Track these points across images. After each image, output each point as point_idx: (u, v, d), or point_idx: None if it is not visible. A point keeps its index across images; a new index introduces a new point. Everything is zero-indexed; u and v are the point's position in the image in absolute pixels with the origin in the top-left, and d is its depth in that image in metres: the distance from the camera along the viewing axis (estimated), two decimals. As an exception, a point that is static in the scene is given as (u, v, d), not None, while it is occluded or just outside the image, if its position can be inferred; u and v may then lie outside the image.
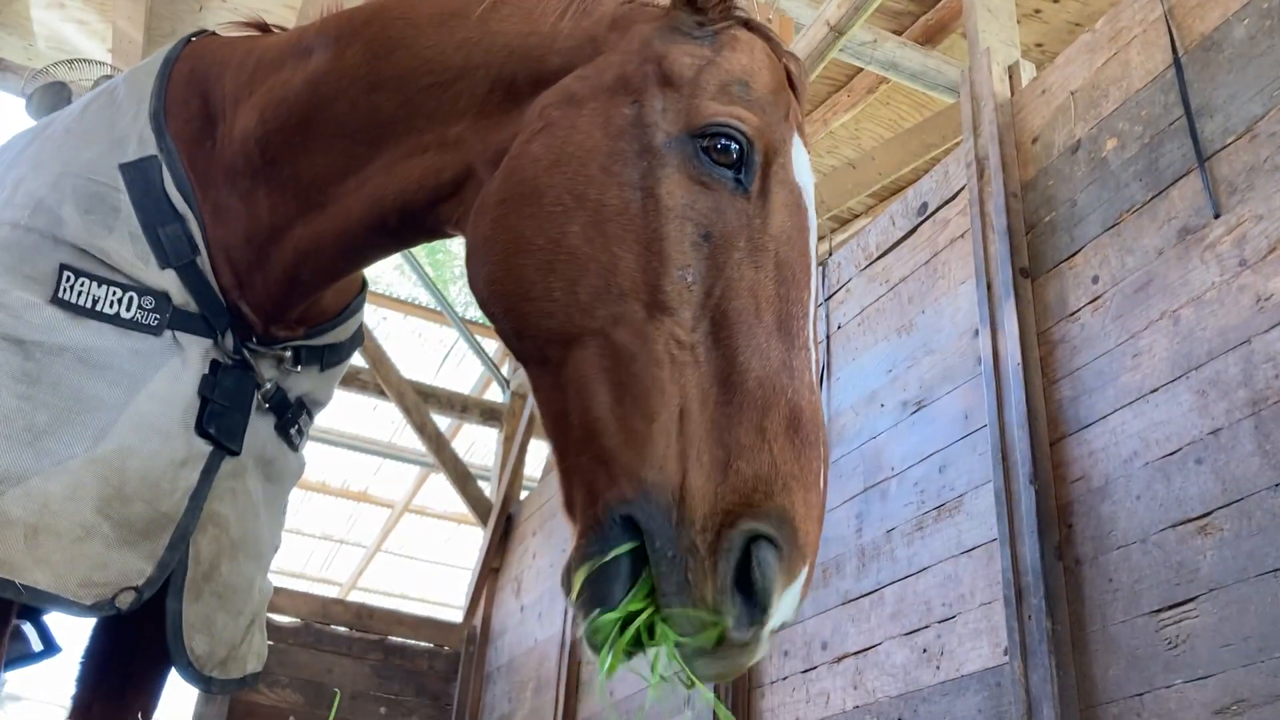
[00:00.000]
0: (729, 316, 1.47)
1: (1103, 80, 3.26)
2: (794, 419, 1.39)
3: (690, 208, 1.55)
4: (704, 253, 1.52)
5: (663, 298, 1.49)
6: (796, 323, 1.50)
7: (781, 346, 1.46)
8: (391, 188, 1.95)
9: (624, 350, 1.48)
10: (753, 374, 1.42)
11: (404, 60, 1.95)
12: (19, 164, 2.18)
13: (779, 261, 1.54)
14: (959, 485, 3.39)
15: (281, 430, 2.27)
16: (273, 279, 2.12)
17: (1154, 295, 2.87)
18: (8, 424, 1.86)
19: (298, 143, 2.04)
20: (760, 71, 1.70)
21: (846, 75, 7.56)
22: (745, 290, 1.49)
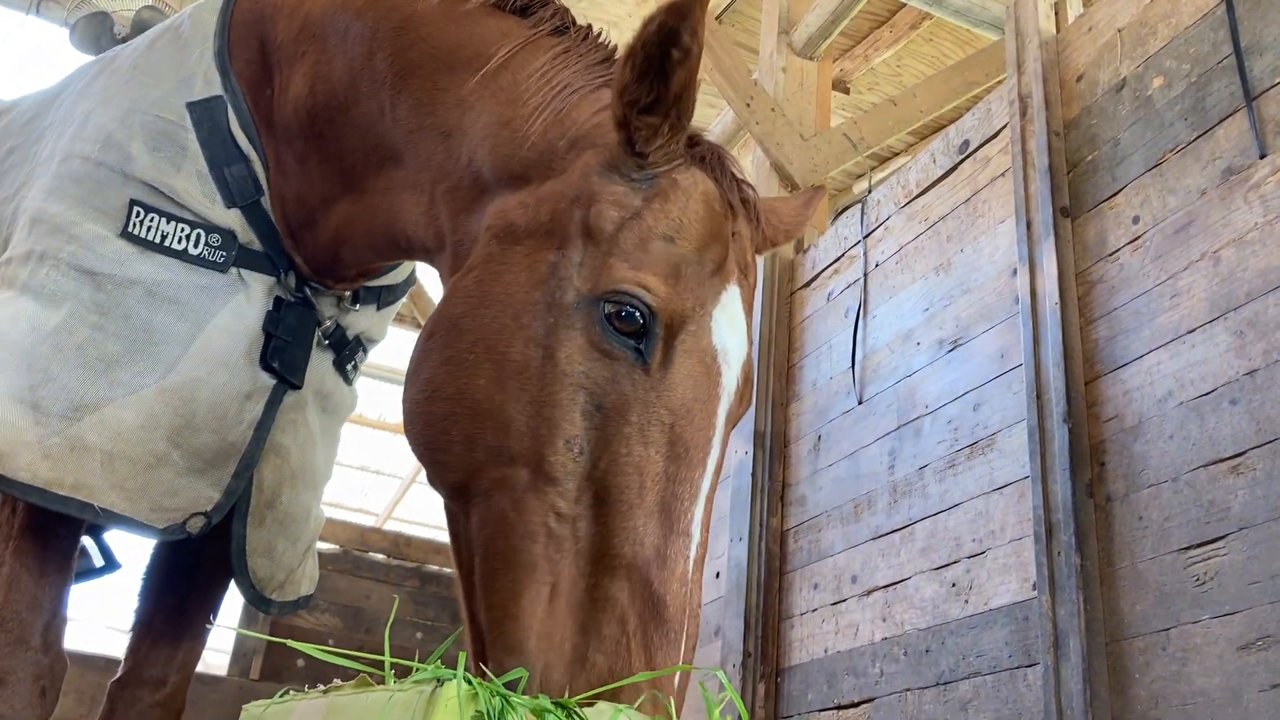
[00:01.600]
0: (611, 494, 1.43)
1: (1151, 17, 3.22)
2: (657, 612, 1.36)
3: (586, 375, 1.50)
4: (594, 423, 1.47)
5: (547, 468, 1.45)
6: (680, 504, 1.44)
7: (658, 532, 1.41)
8: (402, 211, 1.98)
9: (505, 518, 1.45)
10: (624, 560, 1.39)
11: (417, 90, 1.96)
12: (87, 96, 2.23)
13: (673, 438, 1.47)
14: (993, 423, 3.42)
15: (339, 365, 2.35)
16: (321, 245, 2.18)
17: (1195, 236, 2.87)
18: (82, 353, 1.93)
19: (340, 123, 2.08)
20: (690, 224, 1.59)
21: (889, 10, 7.46)
22: (631, 468, 1.44)
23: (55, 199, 2.05)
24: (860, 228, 4.45)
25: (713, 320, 1.56)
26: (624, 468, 1.45)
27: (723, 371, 1.55)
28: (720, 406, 1.54)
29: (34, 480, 1.87)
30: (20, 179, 2.24)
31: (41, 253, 2.00)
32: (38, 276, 1.99)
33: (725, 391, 1.55)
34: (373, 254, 2.17)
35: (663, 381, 1.50)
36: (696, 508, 1.46)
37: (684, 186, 1.61)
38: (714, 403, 1.53)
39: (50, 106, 2.38)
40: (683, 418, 1.49)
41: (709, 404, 1.52)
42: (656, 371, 1.50)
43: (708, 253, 1.59)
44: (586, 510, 1.44)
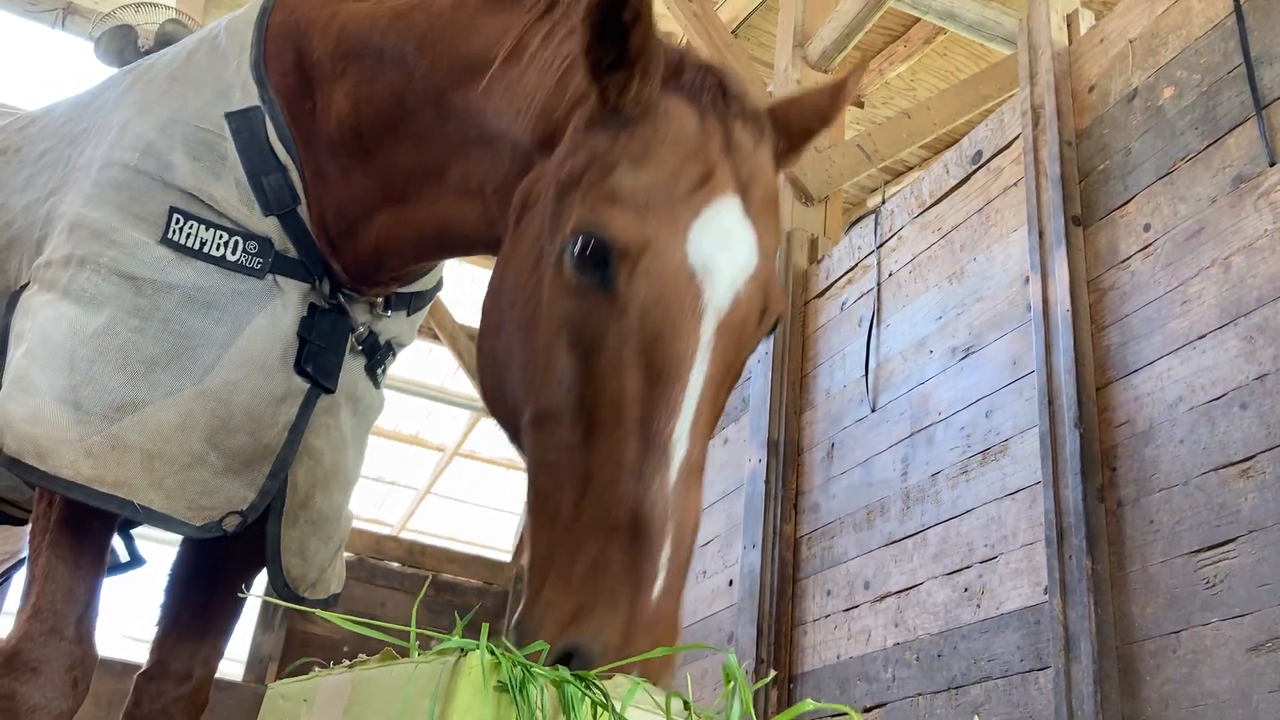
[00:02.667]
0: (595, 423, 1.48)
1: (1162, 28, 3.26)
2: (634, 525, 1.39)
3: (564, 316, 1.56)
4: (576, 358, 1.53)
5: (546, 406, 1.53)
6: (657, 423, 1.46)
7: (636, 450, 1.44)
8: (455, 216, 2.07)
9: (531, 458, 1.55)
10: (605, 481, 1.43)
11: (459, 103, 2.03)
12: (123, 105, 2.29)
13: (645, 362, 1.49)
14: (1005, 430, 3.44)
15: (369, 370, 2.40)
16: (361, 253, 2.24)
17: (1205, 243, 2.89)
18: (123, 355, 1.99)
19: (388, 142, 2.15)
20: (658, 149, 1.60)
21: (904, 25, 7.51)
22: (607, 396, 1.48)
23: (94, 205, 2.11)
24: (874, 238, 4.48)
25: (688, 239, 1.55)
26: (602, 397, 1.49)
27: (703, 287, 1.54)
28: (702, 323, 1.53)
29: (76, 477, 1.92)
30: (53, 182, 2.29)
31: (82, 257, 2.06)
32: (78, 281, 2.04)
33: (711, 306, 1.54)
34: (420, 259, 2.25)
35: (627, 308, 1.52)
36: (675, 422, 1.47)
37: (654, 117, 1.64)
38: (690, 320, 1.52)
39: (85, 112, 2.44)
40: (652, 340, 1.50)
41: (683, 321, 1.52)
42: (621, 299, 1.52)
43: (684, 172, 1.59)
44: (581, 442, 1.49)
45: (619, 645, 1.32)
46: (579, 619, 1.35)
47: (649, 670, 1.31)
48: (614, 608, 1.35)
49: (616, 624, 1.34)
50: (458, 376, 10.35)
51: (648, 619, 1.36)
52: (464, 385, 9.85)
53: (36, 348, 2.00)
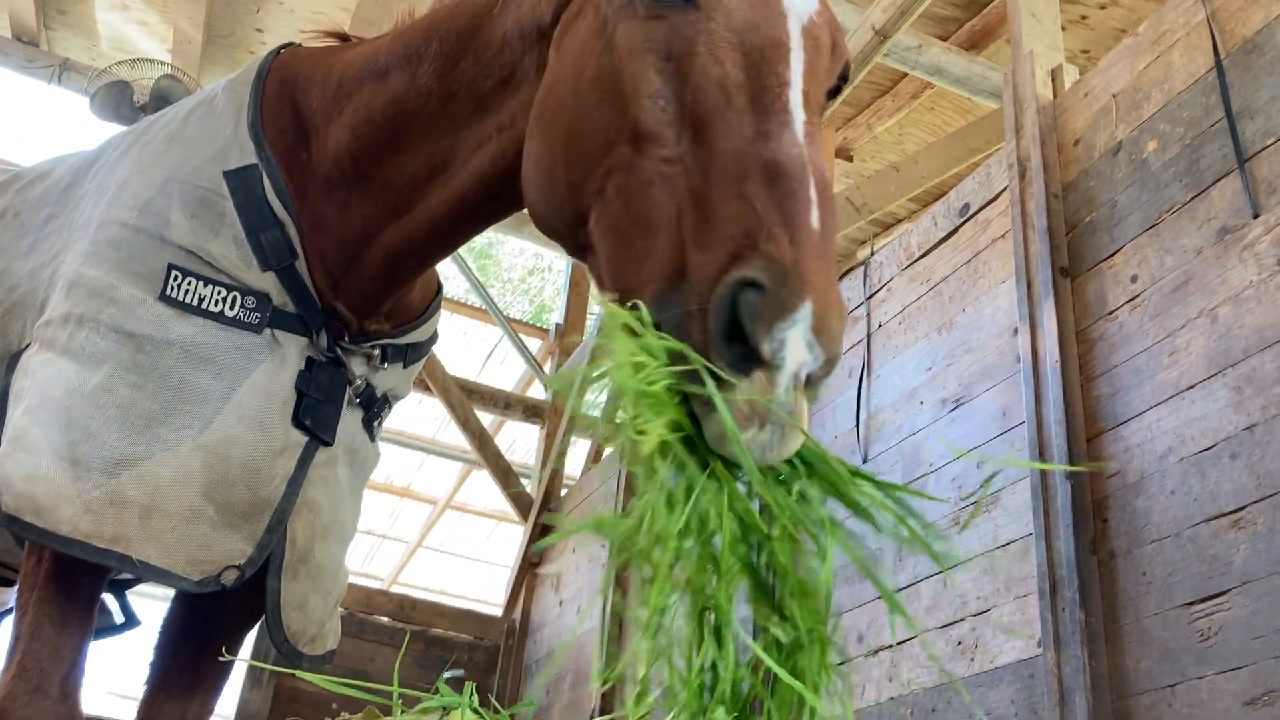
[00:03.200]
0: (703, 117, 1.51)
1: (1145, 83, 3.31)
2: (773, 173, 1.42)
3: (646, 42, 1.61)
4: (669, 73, 1.58)
5: (642, 129, 1.56)
6: (771, 94, 1.51)
7: (755, 119, 1.48)
8: (470, 180, 2.10)
9: (622, 191, 1.55)
10: (730, 154, 1.45)
11: (469, 69, 2.10)
12: (122, 165, 2.32)
13: (744, 49, 1.55)
14: (996, 481, 3.44)
15: (366, 423, 2.41)
16: (366, 278, 2.26)
17: (1192, 294, 2.91)
18: (123, 411, 1.99)
19: (387, 156, 2.18)
20: None
21: (891, 80, 7.60)
22: (713, 87, 1.52)
23: (93, 263, 2.12)
24: (864, 289, 4.51)
25: None
26: (707, 90, 1.52)
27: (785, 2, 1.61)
28: (788, 19, 1.60)
29: (74, 533, 1.91)
30: (57, 246, 2.31)
31: (80, 315, 2.07)
32: (77, 339, 2.05)
33: (793, 13, 1.61)
34: (435, 247, 2.27)
35: (718, 7, 1.58)
36: (790, 92, 1.51)
37: None
38: (782, 19, 1.59)
39: (85, 174, 2.47)
40: (747, 30, 1.56)
41: (776, 18, 1.59)
42: (708, 4, 1.58)
43: None
44: (689, 146, 1.51)
45: (791, 271, 1.31)
46: (737, 258, 1.34)
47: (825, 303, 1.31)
48: (777, 240, 1.34)
49: (785, 251, 1.33)
50: (449, 428, 10.32)
51: (814, 247, 1.36)
52: (455, 437, 9.83)
53: (35, 406, 2.00)
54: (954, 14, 6.90)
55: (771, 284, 1.31)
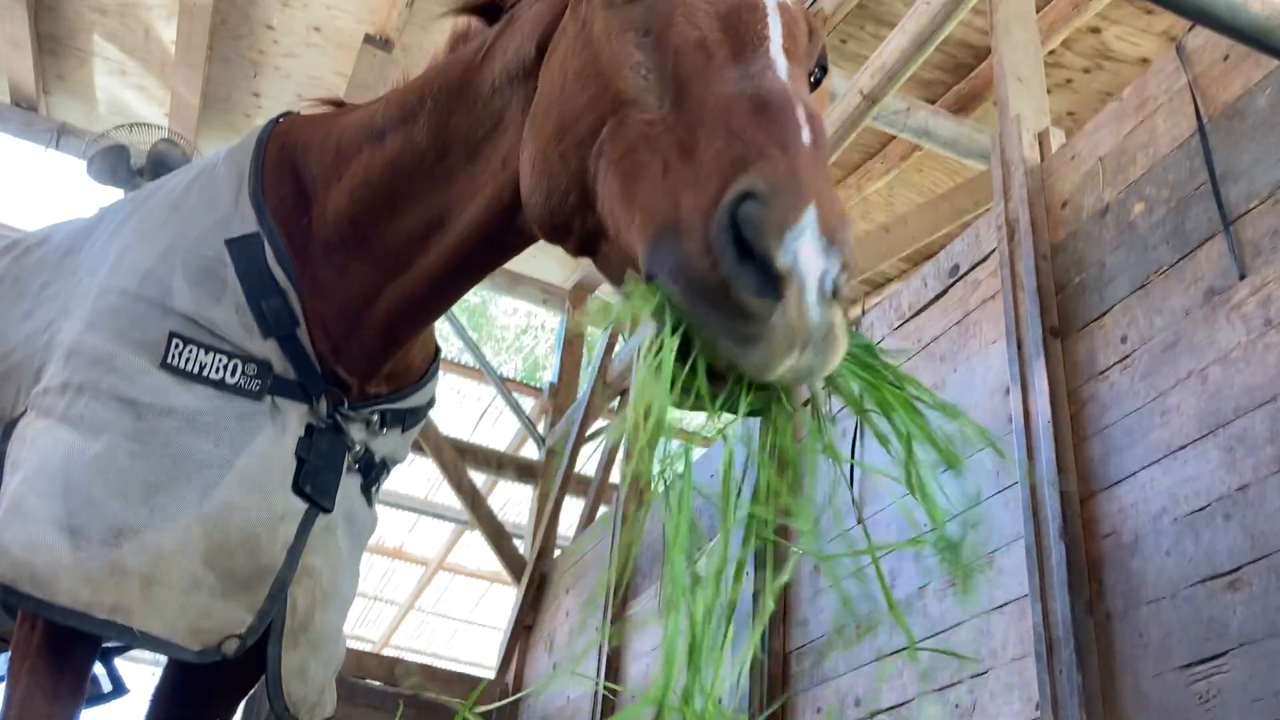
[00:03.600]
0: (685, 76, 1.52)
1: (1130, 146, 3.36)
2: (759, 105, 1.40)
3: (624, 23, 1.64)
4: (649, 46, 1.60)
5: (625, 98, 1.57)
6: (751, 46, 1.52)
7: (737, 66, 1.49)
8: (467, 230, 2.13)
9: (613, 162, 1.56)
10: (714, 99, 1.45)
11: (462, 122, 2.13)
12: (122, 234, 2.34)
13: (720, 13, 1.57)
14: (991, 541, 3.43)
15: (364, 489, 2.40)
16: (367, 339, 2.26)
17: (1182, 354, 2.94)
18: (123, 481, 1.99)
19: (385, 217, 2.20)
20: None
21: (880, 143, 7.70)
22: (692, 47, 1.54)
23: (93, 331, 2.13)
24: (856, 349, 4.52)
25: None
26: (686, 52, 1.53)
27: None
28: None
29: (74, 604, 1.90)
30: (53, 313, 2.32)
31: (80, 383, 2.07)
32: (76, 407, 2.05)
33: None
34: (436, 302, 2.29)
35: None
36: (769, 44, 1.51)
37: None
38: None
39: (84, 242, 2.48)
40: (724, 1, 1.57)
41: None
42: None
43: None
44: (672, 105, 1.50)
45: (788, 180, 1.28)
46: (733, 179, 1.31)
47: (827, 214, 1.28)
48: (769, 157, 1.32)
49: (779, 163, 1.30)
50: (442, 489, 10.28)
51: (809, 158, 1.33)
52: (448, 497, 9.78)
53: (33, 474, 2.00)
54: (941, 78, 7.02)
55: (769, 191, 1.27)
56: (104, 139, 7.12)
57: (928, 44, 5.12)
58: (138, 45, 7.44)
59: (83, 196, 10.20)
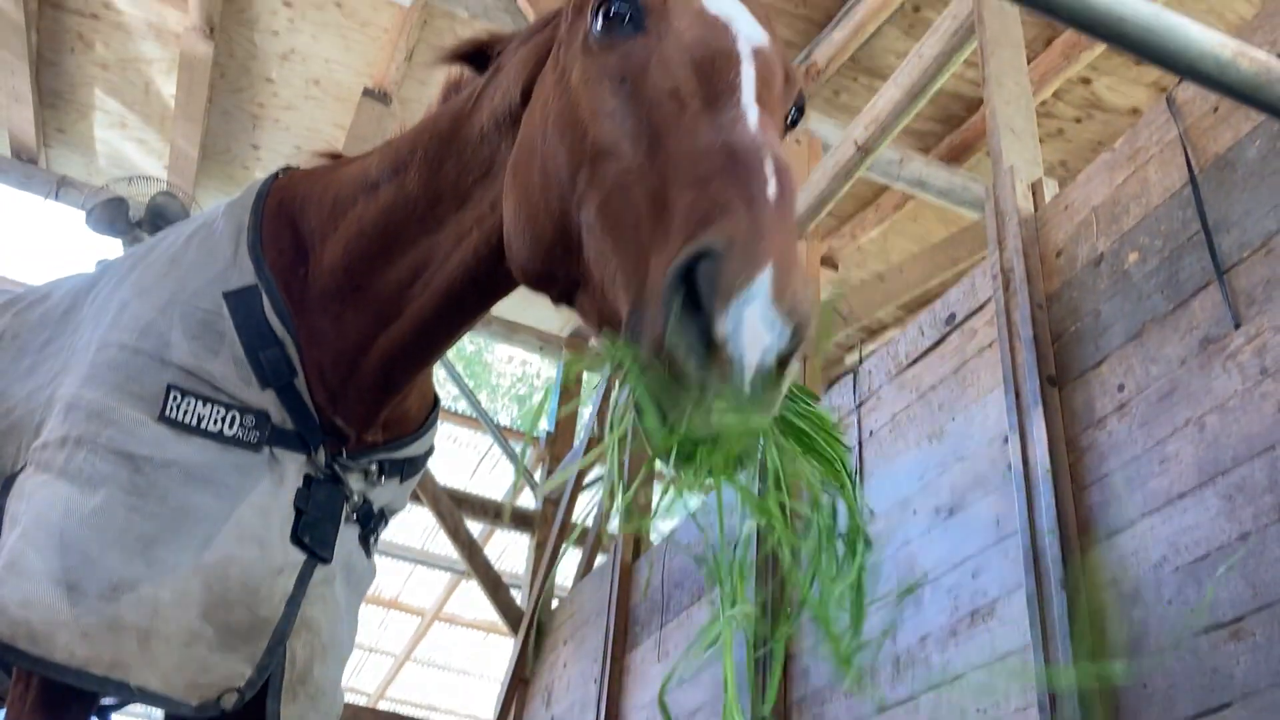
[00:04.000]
0: (658, 125, 1.54)
1: (1123, 196, 3.39)
2: (728, 158, 1.41)
3: (601, 70, 1.68)
4: (624, 93, 1.63)
5: (602, 147, 1.60)
6: (723, 96, 1.54)
7: (710, 115, 1.50)
8: (455, 273, 2.16)
9: (589, 210, 1.59)
10: (684, 151, 1.46)
11: (452, 169, 2.17)
12: (122, 289, 2.35)
13: (695, 61, 1.59)
14: (992, 590, 3.42)
15: (363, 539, 2.40)
16: (364, 388, 2.27)
17: (1179, 403, 2.95)
18: (121, 535, 1.98)
19: (378, 265, 2.23)
20: None
21: (874, 192, 7.77)
22: (666, 97, 1.56)
23: (92, 385, 2.13)
24: (853, 397, 4.54)
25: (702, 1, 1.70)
26: (661, 101, 1.56)
27: (731, 24, 1.66)
28: (738, 39, 1.64)
29: (71, 660, 1.88)
30: (55, 368, 2.33)
31: (79, 437, 2.07)
32: (75, 461, 2.05)
33: (740, 33, 1.65)
34: (428, 349, 2.30)
35: (668, 30, 1.64)
36: (742, 93, 1.53)
37: None
38: (725, 33, 1.64)
39: (85, 298, 2.49)
40: (697, 46, 1.61)
41: (725, 36, 1.63)
42: (658, 28, 1.65)
43: None
44: (646, 154, 1.52)
45: (748, 239, 1.28)
46: (694, 236, 1.31)
47: (783, 277, 1.26)
48: (732, 212, 1.31)
49: (741, 221, 1.30)
50: (438, 538, 10.23)
51: (771, 215, 1.32)
52: (444, 547, 9.73)
53: (31, 530, 1.99)
54: (933, 128, 7.10)
55: (727, 249, 1.27)
56: (103, 191, 7.16)
57: (920, 96, 5.20)
58: (138, 99, 7.51)
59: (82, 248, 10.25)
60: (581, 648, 6.70)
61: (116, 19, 6.89)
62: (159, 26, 6.92)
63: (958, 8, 4.99)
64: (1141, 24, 1.47)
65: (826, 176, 5.59)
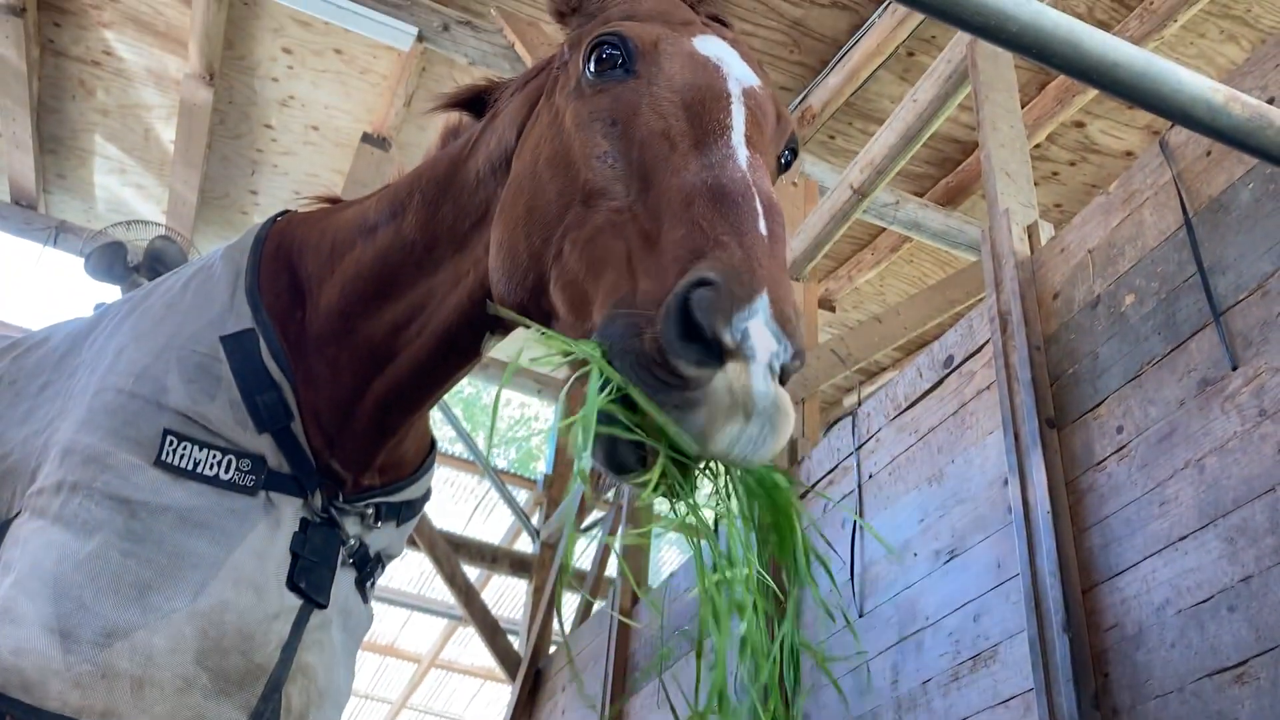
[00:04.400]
0: (649, 165, 1.57)
1: (1118, 239, 3.41)
2: (718, 195, 1.44)
3: (594, 113, 1.71)
4: (616, 135, 1.65)
5: (592, 187, 1.62)
6: (713, 136, 1.57)
7: (699, 156, 1.53)
8: (450, 316, 2.17)
9: (576, 245, 1.61)
10: (675, 189, 1.49)
11: (449, 213, 2.20)
12: (119, 334, 2.35)
13: (685, 103, 1.63)
14: (994, 634, 3.40)
15: (359, 584, 2.38)
16: (359, 432, 2.27)
17: (1178, 445, 2.95)
18: (116, 581, 1.96)
19: (374, 308, 2.24)
20: (641, 4, 1.88)
21: (870, 234, 7.81)
22: (657, 138, 1.59)
23: (88, 430, 2.13)
24: (852, 440, 4.53)
25: (694, 40, 1.75)
26: (651, 142, 1.58)
27: (722, 66, 1.70)
28: (728, 80, 1.68)
29: (64, 709, 1.86)
30: (52, 414, 2.32)
31: (74, 483, 2.06)
32: (70, 506, 2.03)
33: (730, 75, 1.69)
34: (424, 391, 2.30)
35: (659, 74, 1.68)
36: (732, 133, 1.56)
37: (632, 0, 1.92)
38: (716, 74, 1.68)
39: (83, 342, 2.49)
40: (688, 89, 1.64)
41: (715, 78, 1.67)
42: (649, 72, 1.69)
43: (672, 16, 1.83)
44: (637, 193, 1.54)
45: (743, 269, 1.30)
46: (689, 268, 1.33)
47: (780, 303, 1.29)
48: (726, 246, 1.34)
49: (735, 253, 1.32)
50: (434, 583, 10.17)
51: (764, 249, 1.35)
52: (441, 592, 9.67)
53: (25, 576, 1.97)
54: (928, 171, 7.16)
55: (723, 279, 1.30)
56: (101, 236, 7.19)
57: (915, 140, 5.24)
58: (137, 145, 7.56)
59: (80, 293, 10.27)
60: (580, 695, 6.63)
61: (118, 66, 6.95)
62: (160, 73, 6.99)
63: (951, 53, 5.04)
64: (1135, 71, 1.49)
65: (823, 219, 5.62)
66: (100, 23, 6.64)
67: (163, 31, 6.68)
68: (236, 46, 6.73)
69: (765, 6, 6.19)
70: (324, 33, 6.58)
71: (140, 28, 6.67)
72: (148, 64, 6.93)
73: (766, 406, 1.28)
